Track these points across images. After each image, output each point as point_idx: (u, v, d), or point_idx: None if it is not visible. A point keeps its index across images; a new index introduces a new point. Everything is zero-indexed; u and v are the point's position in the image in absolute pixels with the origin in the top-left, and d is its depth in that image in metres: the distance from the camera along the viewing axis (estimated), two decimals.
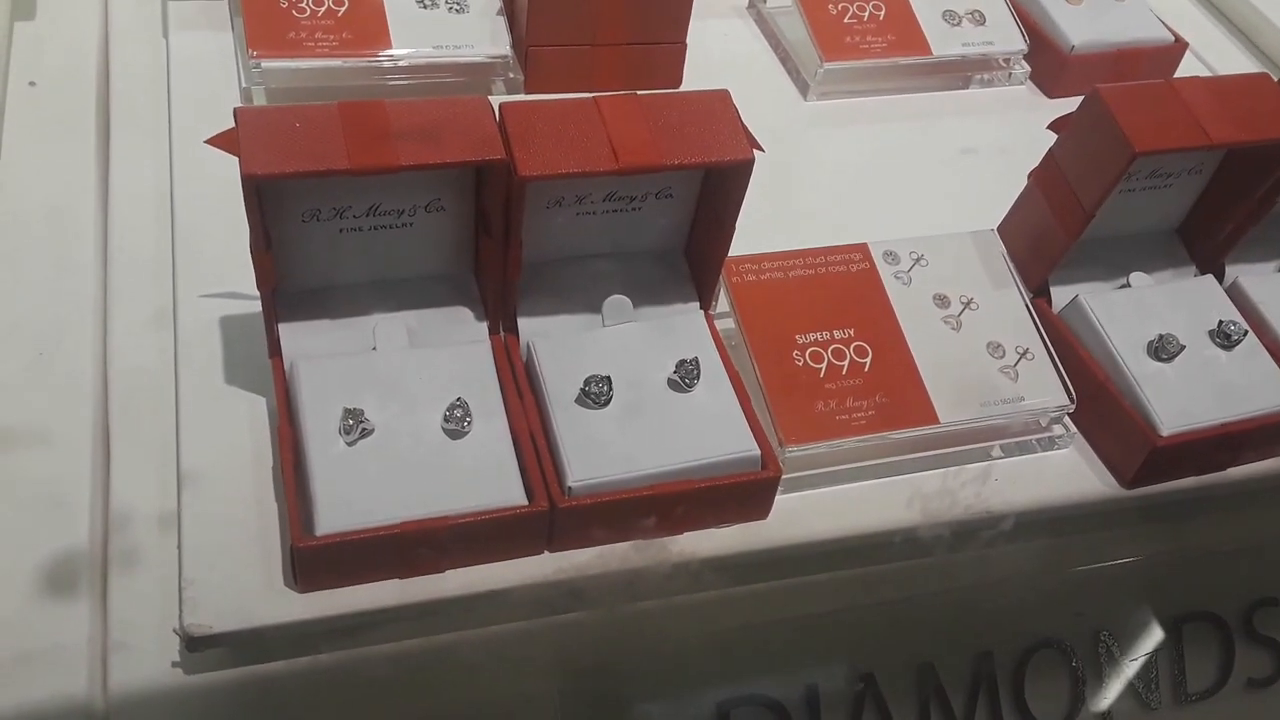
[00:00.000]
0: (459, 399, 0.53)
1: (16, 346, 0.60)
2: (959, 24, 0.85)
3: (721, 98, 0.55)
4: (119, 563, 0.54)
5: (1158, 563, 0.61)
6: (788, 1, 0.85)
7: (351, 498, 0.50)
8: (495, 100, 0.52)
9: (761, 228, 0.60)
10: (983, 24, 0.85)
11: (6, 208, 0.67)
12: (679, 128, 0.54)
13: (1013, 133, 0.83)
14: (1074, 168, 0.61)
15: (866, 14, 0.83)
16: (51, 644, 0.50)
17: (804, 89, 0.83)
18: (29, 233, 0.66)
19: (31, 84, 0.76)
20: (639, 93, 0.55)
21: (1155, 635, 0.60)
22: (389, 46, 0.75)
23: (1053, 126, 0.62)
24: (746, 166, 0.54)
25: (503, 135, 0.51)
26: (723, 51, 0.86)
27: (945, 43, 0.84)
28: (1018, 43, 0.85)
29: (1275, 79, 0.63)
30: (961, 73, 0.86)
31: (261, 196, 0.50)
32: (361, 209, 0.54)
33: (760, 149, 0.55)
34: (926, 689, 0.57)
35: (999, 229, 0.67)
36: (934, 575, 0.59)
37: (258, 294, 0.55)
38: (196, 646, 0.49)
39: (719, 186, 0.57)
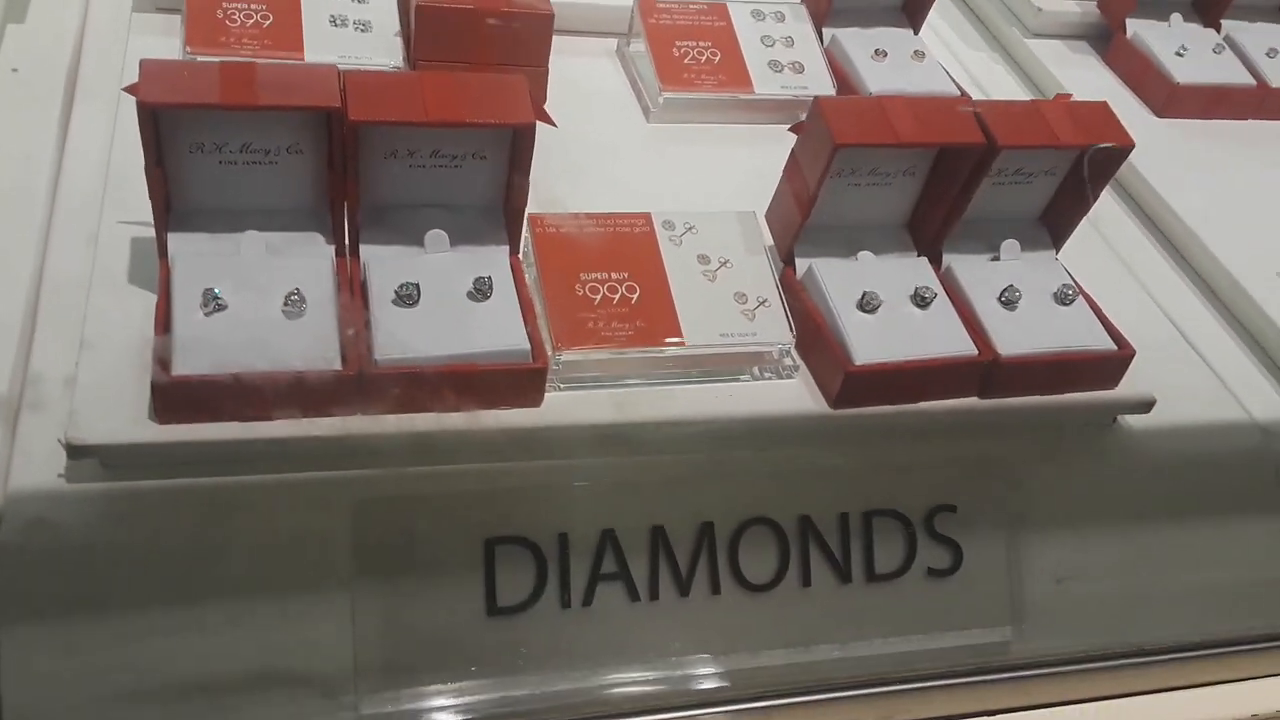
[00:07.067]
0: (297, 289, 0.69)
1: None
2: (781, 71, 1.03)
3: (518, 81, 0.73)
4: (29, 408, 0.70)
5: (856, 469, 0.77)
6: (644, 47, 1.04)
7: (203, 352, 0.66)
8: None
9: (595, 206, 0.79)
10: (801, 73, 1.04)
11: None
12: (481, 99, 0.71)
13: None
14: (804, 159, 0.78)
15: (704, 58, 1.02)
16: None
17: (647, 113, 1.01)
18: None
19: (14, 70, 0.94)
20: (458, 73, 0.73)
21: (850, 524, 0.75)
22: (301, 55, 0.93)
23: (793, 129, 0.80)
24: (529, 129, 0.71)
25: (342, 93, 0.69)
26: (590, 82, 1.05)
27: (766, 84, 1.02)
28: (827, 88, 1.03)
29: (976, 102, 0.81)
30: (780, 111, 1.04)
31: (158, 127, 0.68)
32: (236, 145, 0.71)
33: (552, 124, 0.72)
34: (657, 546, 0.72)
35: (766, 213, 0.84)
36: (675, 464, 0.75)
37: None
38: (75, 455, 0.65)
39: (516, 147, 0.74)
